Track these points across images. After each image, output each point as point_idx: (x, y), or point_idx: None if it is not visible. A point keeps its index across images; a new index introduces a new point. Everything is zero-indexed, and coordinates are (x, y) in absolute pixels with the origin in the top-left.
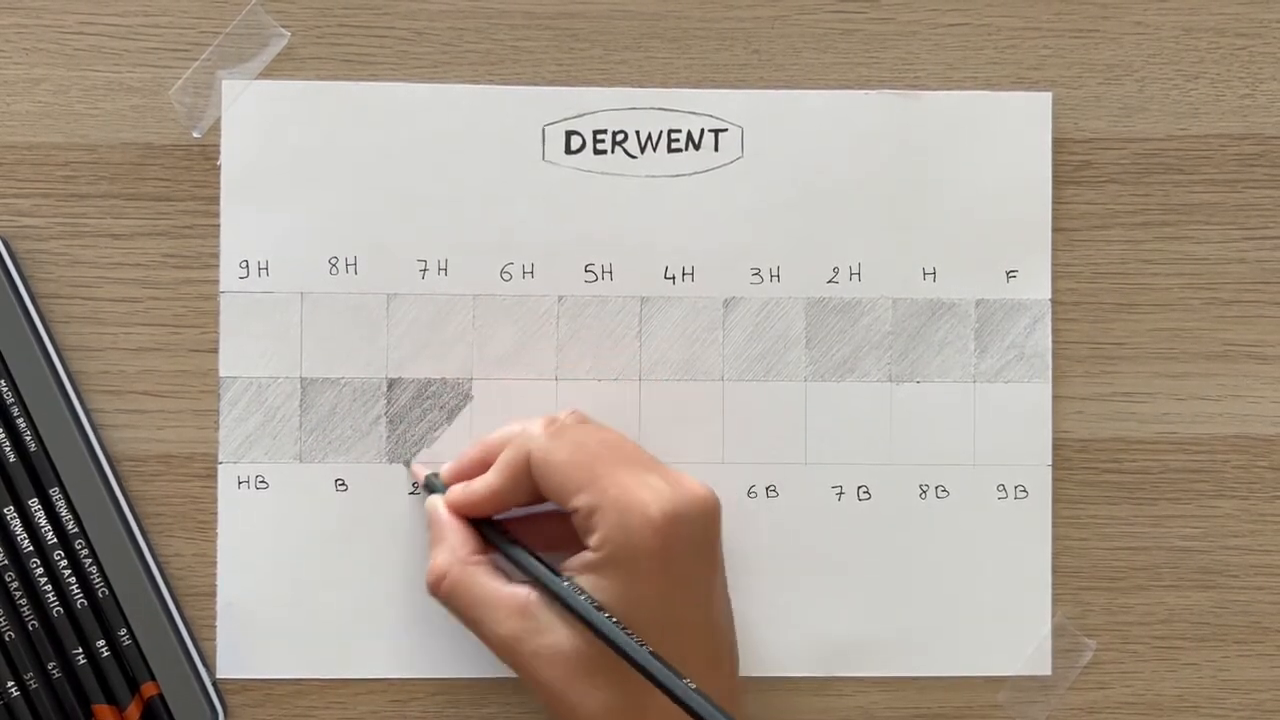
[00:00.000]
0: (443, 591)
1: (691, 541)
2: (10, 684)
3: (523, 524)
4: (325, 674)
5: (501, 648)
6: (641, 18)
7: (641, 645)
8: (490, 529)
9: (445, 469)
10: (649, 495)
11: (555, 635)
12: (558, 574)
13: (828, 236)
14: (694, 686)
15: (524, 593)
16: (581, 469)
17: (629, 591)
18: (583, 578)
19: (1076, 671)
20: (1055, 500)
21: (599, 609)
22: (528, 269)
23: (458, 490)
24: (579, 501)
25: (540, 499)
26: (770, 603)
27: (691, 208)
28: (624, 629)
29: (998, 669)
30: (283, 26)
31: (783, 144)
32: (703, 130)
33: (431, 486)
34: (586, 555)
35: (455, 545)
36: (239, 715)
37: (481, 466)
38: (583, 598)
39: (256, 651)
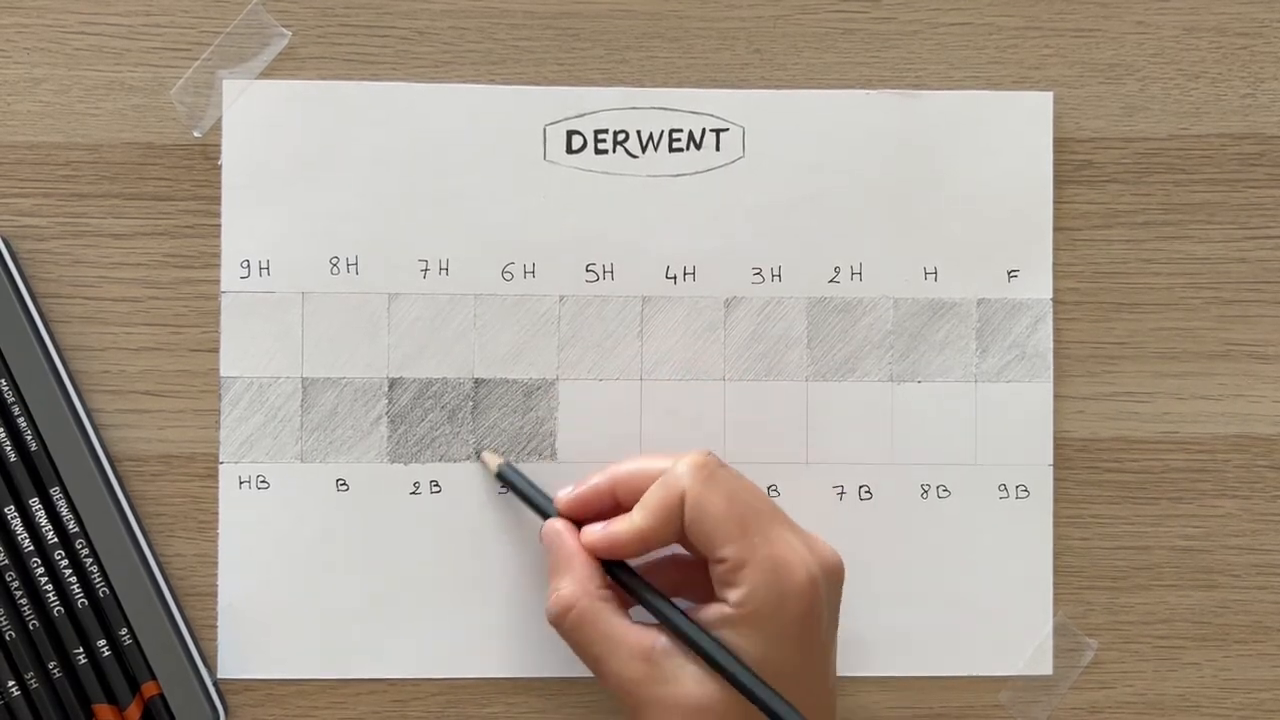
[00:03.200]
0: (567, 623)
1: (827, 606)
2: (11, 683)
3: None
4: (325, 674)
5: (622, 689)
6: (642, 17)
7: (787, 704)
8: (620, 570)
9: (564, 495)
10: (796, 558)
11: (681, 685)
12: (691, 623)
13: (829, 236)
14: None
15: (650, 636)
16: (734, 521)
17: (766, 650)
18: (718, 630)
19: (1078, 671)
20: (1056, 500)
21: (740, 664)
22: (529, 269)
23: (597, 531)
24: (727, 553)
25: (673, 541)
26: None
27: (693, 207)
28: (766, 686)
29: (999, 669)
30: (284, 26)
31: (784, 144)
32: (704, 130)
33: (512, 483)
34: (724, 609)
35: (583, 577)
36: (239, 715)
37: (609, 497)
38: (723, 654)
39: (257, 651)
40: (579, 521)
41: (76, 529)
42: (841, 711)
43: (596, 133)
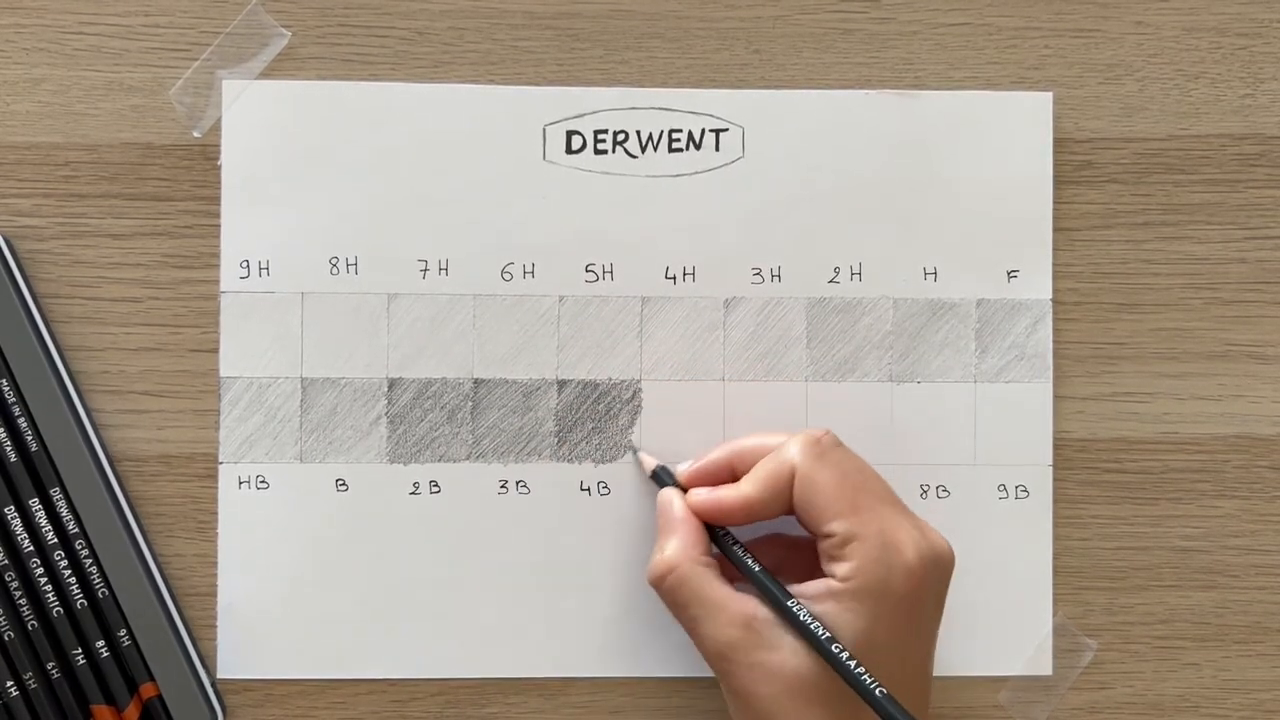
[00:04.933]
0: (667, 584)
1: (934, 591)
2: (9, 684)
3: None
4: (325, 674)
5: (717, 652)
6: (642, 17)
7: (875, 684)
8: (725, 539)
9: (685, 468)
10: (907, 538)
11: (779, 653)
12: (789, 595)
13: (828, 236)
14: None
15: (750, 603)
16: (844, 496)
17: (869, 627)
18: (821, 604)
19: (1077, 671)
20: (1056, 500)
21: (831, 639)
22: (528, 269)
23: (703, 494)
24: (836, 527)
25: (781, 516)
26: None
27: (692, 208)
28: (856, 664)
29: (999, 669)
30: (283, 26)
31: (783, 144)
32: (703, 130)
33: (661, 479)
34: (831, 583)
35: (688, 543)
36: (239, 715)
37: (727, 470)
38: (815, 626)
39: (256, 651)
40: None
41: (76, 529)
42: None
43: (596, 133)
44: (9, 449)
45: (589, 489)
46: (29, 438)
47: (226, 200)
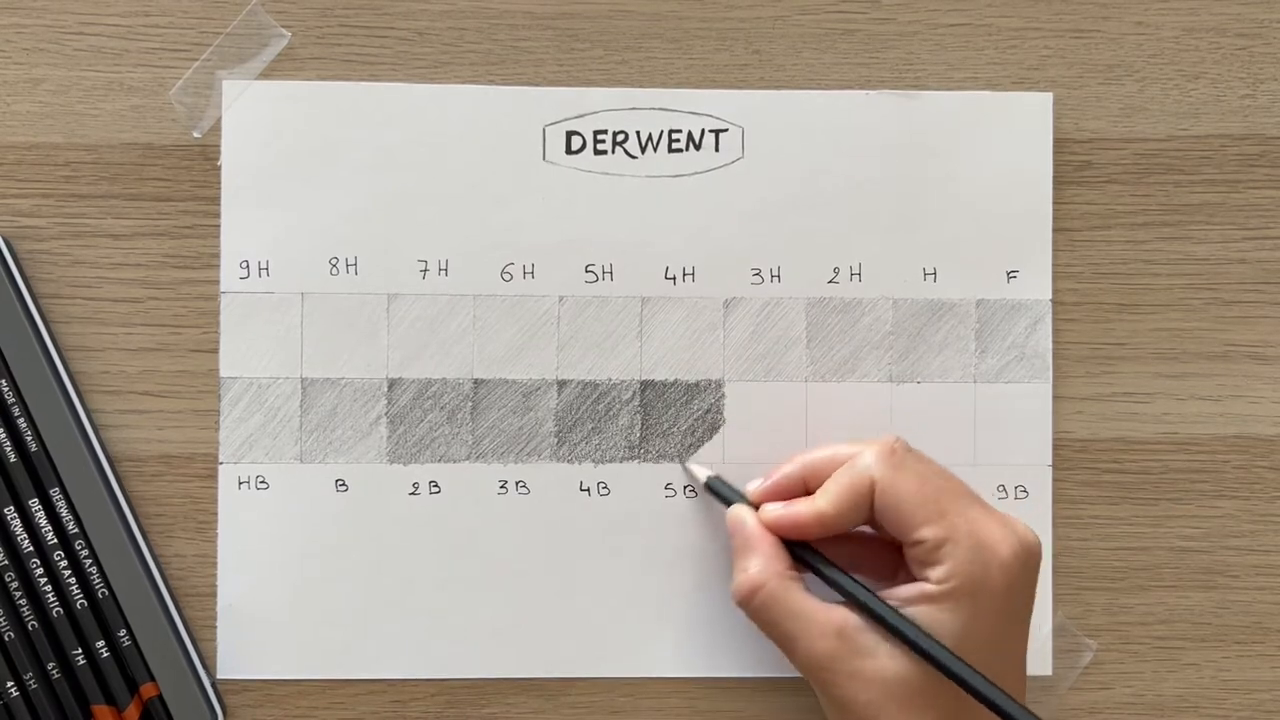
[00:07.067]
0: (757, 602)
1: (1027, 584)
2: (9, 684)
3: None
4: (325, 674)
5: (814, 664)
6: (642, 18)
7: (983, 677)
8: (804, 550)
9: (756, 485)
10: (999, 535)
11: (876, 660)
12: (884, 604)
13: (828, 237)
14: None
15: (839, 612)
16: (928, 501)
17: (967, 626)
18: (916, 608)
19: (1077, 672)
20: (1056, 500)
21: (937, 643)
22: (528, 269)
23: (778, 509)
24: (926, 534)
25: (857, 526)
26: None
27: (692, 208)
28: (965, 665)
29: None
30: (283, 27)
31: (783, 144)
32: (703, 130)
33: (716, 491)
34: (925, 587)
35: (770, 557)
36: (239, 715)
37: (800, 485)
38: (917, 632)
39: (256, 652)
40: None
41: (76, 530)
42: None
43: (596, 133)
44: (9, 449)
45: (589, 489)
46: (29, 438)
47: (226, 200)
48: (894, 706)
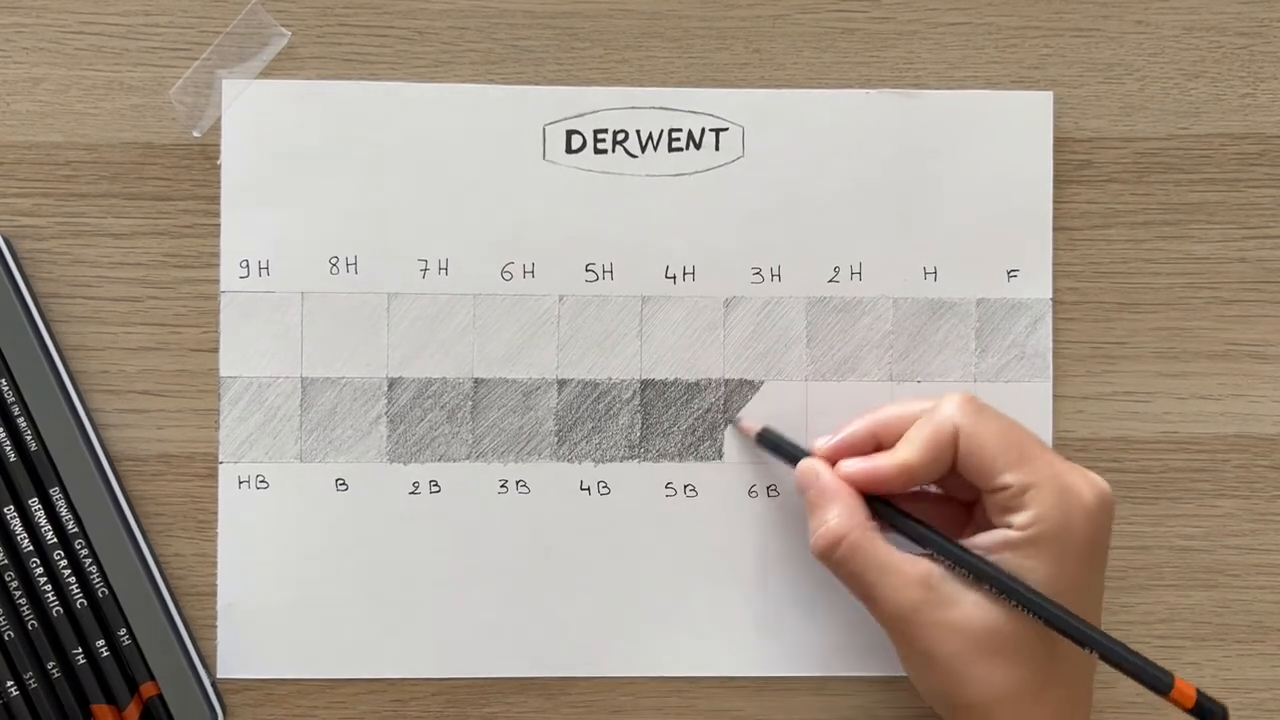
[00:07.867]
0: (839, 554)
1: (1106, 531)
2: (10, 684)
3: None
4: (324, 674)
5: (896, 615)
6: (642, 17)
7: (1082, 620)
8: (881, 504)
9: (825, 441)
10: (1082, 481)
11: (961, 609)
12: (969, 552)
13: (828, 236)
14: (1139, 657)
15: (923, 563)
16: (1011, 448)
17: (1051, 571)
18: (999, 555)
19: None
20: None
21: (1029, 590)
22: (528, 268)
23: (858, 463)
24: (1009, 479)
25: (936, 478)
26: (771, 601)
27: (692, 207)
28: (1058, 608)
29: None
30: (283, 26)
31: (783, 143)
32: (703, 130)
33: (770, 442)
34: (1008, 534)
35: (851, 508)
36: (239, 715)
37: (871, 441)
38: (1010, 579)
39: (256, 651)
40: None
41: (76, 529)
42: (841, 711)
43: (596, 132)
44: (9, 449)
45: (589, 489)
46: (29, 438)
47: (226, 200)
48: (978, 656)
